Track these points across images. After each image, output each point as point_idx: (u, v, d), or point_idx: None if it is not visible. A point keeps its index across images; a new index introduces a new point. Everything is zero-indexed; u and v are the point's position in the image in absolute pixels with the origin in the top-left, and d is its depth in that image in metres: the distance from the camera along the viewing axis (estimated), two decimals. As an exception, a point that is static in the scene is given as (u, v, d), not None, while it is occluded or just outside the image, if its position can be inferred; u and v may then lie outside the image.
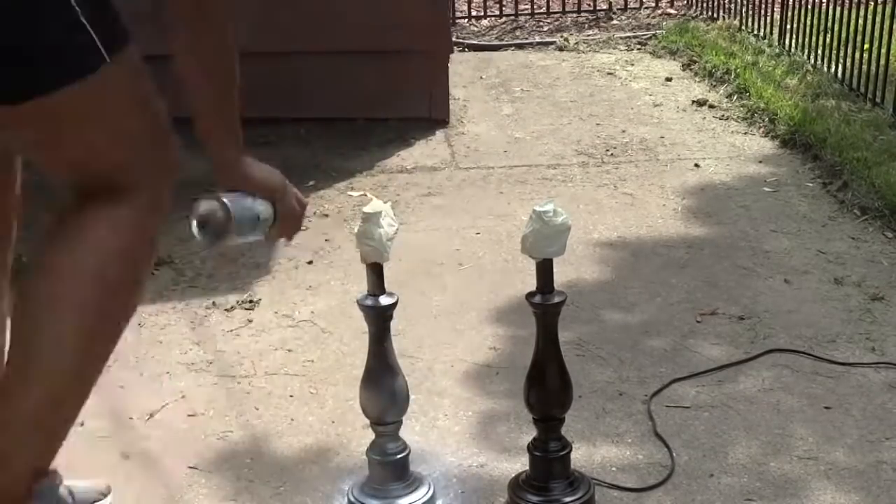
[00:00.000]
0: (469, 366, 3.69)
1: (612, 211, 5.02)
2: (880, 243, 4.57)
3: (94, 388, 2.42)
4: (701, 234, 4.75)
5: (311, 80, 6.26)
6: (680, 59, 7.66)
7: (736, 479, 3.04)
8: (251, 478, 3.11)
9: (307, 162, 5.79)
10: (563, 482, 2.86)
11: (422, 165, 5.75)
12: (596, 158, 5.76)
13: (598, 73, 7.49)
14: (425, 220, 4.98)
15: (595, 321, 3.98)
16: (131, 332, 3.97)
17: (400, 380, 2.86)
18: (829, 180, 5.25)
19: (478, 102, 6.87)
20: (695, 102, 6.67)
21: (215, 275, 4.44)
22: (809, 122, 5.83)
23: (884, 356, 3.65)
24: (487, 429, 3.31)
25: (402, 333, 3.83)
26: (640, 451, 3.17)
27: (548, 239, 2.69)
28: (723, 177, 5.44)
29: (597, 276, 4.37)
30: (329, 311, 4.10)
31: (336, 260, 4.52)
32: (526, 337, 3.56)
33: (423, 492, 2.90)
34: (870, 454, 3.13)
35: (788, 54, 7.18)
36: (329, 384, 3.59)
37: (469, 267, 4.47)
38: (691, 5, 9.17)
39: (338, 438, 3.28)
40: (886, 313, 3.96)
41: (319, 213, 5.07)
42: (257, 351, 3.82)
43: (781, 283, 4.23)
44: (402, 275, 4.30)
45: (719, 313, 4.00)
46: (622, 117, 6.47)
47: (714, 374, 3.57)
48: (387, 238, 2.70)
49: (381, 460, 2.87)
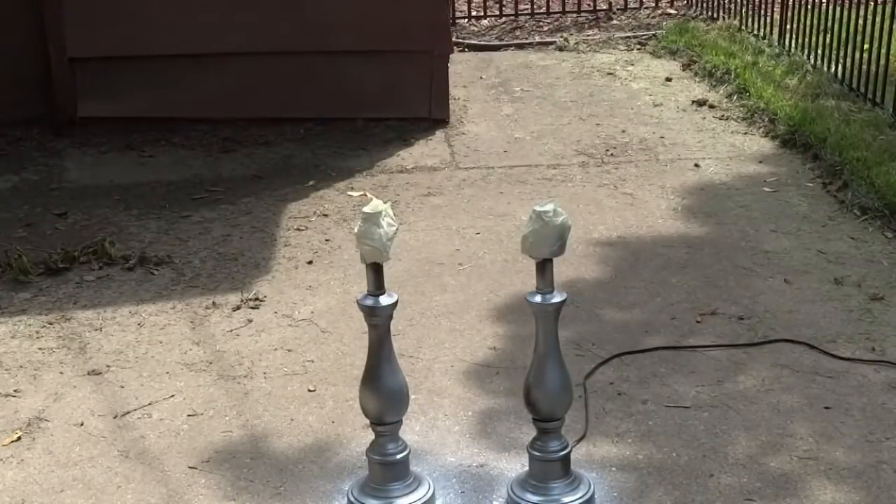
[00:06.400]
0: (469, 366, 3.69)
1: (612, 211, 5.02)
2: (880, 243, 4.57)
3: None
4: (701, 233, 4.75)
5: (311, 81, 6.26)
6: (680, 59, 7.66)
7: (736, 478, 3.04)
8: (251, 477, 3.11)
9: (307, 162, 5.79)
10: (563, 482, 2.86)
11: (422, 165, 5.75)
12: (596, 158, 5.76)
13: (598, 73, 7.49)
14: (425, 220, 4.98)
15: (595, 321, 3.98)
16: (131, 331, 3.98)
17: (400, 380, 2.86)
18: (829, 180, 5.25)
19: (478, 102, 6.87)
20: (695, 102, 6.66)
21: (215, 275, 4.44)
22: (809, 122, 5.83)
23: (884, 356, 3.66)
24: (487, 428, 3.31)
25: (402, 333, 3.84)
26: (640, 450, 3.18)
27: (548, 239, 2.69)
28: (723, 177, 5.44)
29: (597, 275, 4.37)
30: (329, 310, 4.10)
31: (336, 260, 4.52)
32: (526, 337, 3.57)
33: (423, 492, 2.90)
34: (870, 454, 3.13)
35: (788, 54, 7.18)
36: (329, 384, 3.59)
37: (469, 267, 4.47)
38: (691, 5, 9.17)
39: (337, 438, 3.28)
40: (886, 313, 3.96)
41: (319, 213, 5.07)
42: (257, 351, 3.82)
43: (781, 283, 4.23)
44: (402, 275, 4.30)
45: (719, 313, 4.00)
46: (622, 117, 6.47)
47: (714, 374, 3.57)
48: (387, 238, 2.70)
49: (381, 460, 2.87)
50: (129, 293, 4.30)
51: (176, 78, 6.21)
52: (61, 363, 3.77)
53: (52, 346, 3.89)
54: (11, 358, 3.81)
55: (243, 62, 6.23)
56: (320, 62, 6.25)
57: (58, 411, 3.46)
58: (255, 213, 5.08)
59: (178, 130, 6.20)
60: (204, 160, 5.84)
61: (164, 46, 6.11)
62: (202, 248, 4.71)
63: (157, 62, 6.17)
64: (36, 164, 5.80)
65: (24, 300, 4.25)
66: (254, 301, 4.18)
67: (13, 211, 5.20)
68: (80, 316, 4.11)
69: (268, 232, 4.87)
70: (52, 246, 4.70)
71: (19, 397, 3.56)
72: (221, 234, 4.85)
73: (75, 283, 4.38)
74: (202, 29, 6.07)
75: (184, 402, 3.50)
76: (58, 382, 3.64)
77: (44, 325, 4.04)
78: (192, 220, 5.04)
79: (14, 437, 3.33)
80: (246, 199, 5.26)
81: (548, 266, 2.74)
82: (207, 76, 6.22)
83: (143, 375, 3.68)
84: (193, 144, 6.07)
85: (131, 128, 6.20)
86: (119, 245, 4.69)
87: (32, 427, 3.38)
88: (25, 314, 4.14)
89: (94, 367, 3.73)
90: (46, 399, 3.53)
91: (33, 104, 6.26)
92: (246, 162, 5.77)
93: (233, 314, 4.10)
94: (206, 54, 6.15)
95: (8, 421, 3.42)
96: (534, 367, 2.83)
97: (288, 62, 6.21)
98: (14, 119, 6.18)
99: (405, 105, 6.36)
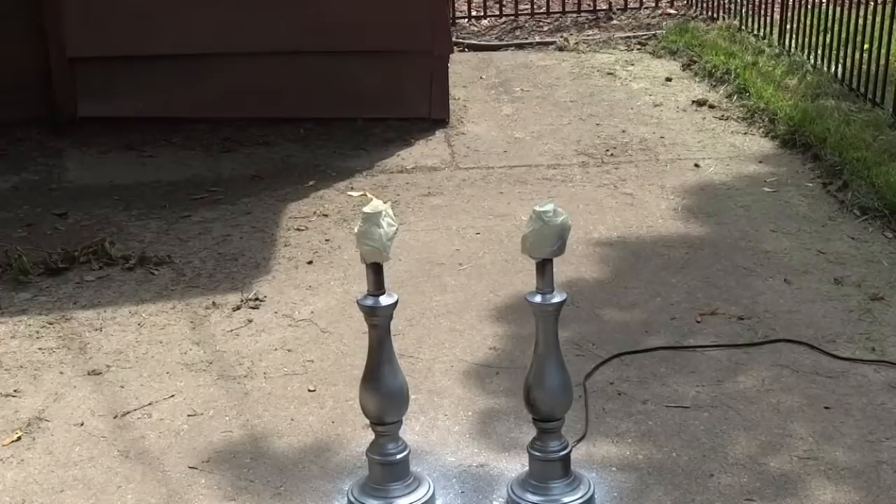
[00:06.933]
0: (469, 365, 3.69)
1: (612, 211, 5.02)
2: (880, 243, 4.58)
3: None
4: (701, 233, 4.75)
5: (311, 81, 6.26)
6: (680, 59, 7.66)
7: (736, 478, 3.04)
8: (251, 477, 3.11)
9: (307, 162, 5.79)
10: (563, 482, 2.86)
11: (422, 165, 5.75)
12: (596, 158, 5.76)
13: (598, 73, 7.49)
14: (425, 220, 4.98)
15: (595, 321, 3.98)
16: (131, 331, 3.98)
17: (400, 380, 2.86)
18: (829, 180, 5.25)
19: (478, 102, 6.87)
20: (695, 102, 6.66)
21: (215, 275, 4.44)
22: (809, 122, 5.83)
23: (884, 356, 3.66)
24: (487, 429, 3.31)
25: (402, 333, 3.84)
26: (640, 450, 3.18)
27: (548, 239, 2.69)
28: (723, 177, 5.44)
29: (597, 275, 4.37)
30: (329, 310, 4.10)
31: (336, 260, 4.52)
32: (526, 337, 3.57)
33: (423, 492, 2.90)
34: (870, 454, 3.13)
35: (788, 54, 7.18)
36: (329, 384, 3.59)
37: (469, 267, 4.47)
38: (691, 5, 9.17)
39: (338, 438, 3.28)
40: (886, 313, 3.96)
41: (319, 213, 5.07)
42: (257, 351, 3.82)
43: (781, 283, 4.23)
44: (402, 275, 4.30)
45: (719, 313, 4.00)
46: (622, 117, 6.47)
47: (714, 374, 3.57)
48: (387, 238, 2.70)
49: (381, 460, 2.87)
50: (129, 293, 4.30)
51: (176, 78, 6.21)
52: (61, 363, 3.77)
53: (53, 346, 3.89)
54: (11, 358, 3.81)
55: (243, 62, 6.23)
56: (320, 62, 6.25)
57: (58, 411, 3.46)
58: (255, 213, 5.09)
59: (179, 130, 6.21)
60: (204, 160, 5.84)
61: (164, 46, 6.11)
62: (202, 249, 4.71)
63: (157, 62, 6.17)
64: (36, 164, 5.80)
65: (25, 300, 4.25)
66: (254, 301, 4.18)
67: (13, 211, 5.20)
68: (80, 316, 4.11)
69: (268, 232, 4.87)
70: (53, 246, 4.71)
71: (19, 397, 3.56)
72: (221, 234, 4.85)
73: (75, 284, 4.38)
74: (202, 29, 6.07)
75: (184, 402, 3.51)
76: (58, 382, 3.64)
77: (44, 325, 4.04)
78: (193, 220, 5.04)
79: (14, 437, 3.33)
80: (246, 199, 5.26)
81: (548, 266, 2.74)
82: (208, 76, 6.22)
83: (144, 375, 3.68)
84: (193, 144, 6.07)
85: (131, 128, 6.20)
86: (119, 245, 4.69)
87: (32, 427, 3.38)
88: (25, 314, 4.14)
89: (95, 367, 3.73)
90: (46, 399, 3.54)
91: (33, 104, 6.26)
92: (246, 162, 5.77)
93: (233, 314, 4.10)
94: (207, 54, 6.15)
95: (8, 421, 3.42)
96: (534, 367, 2.83)
97: (288, 62, 6.21)
98: (14, 119, 6.18)
99: (405, 105, 6.37)
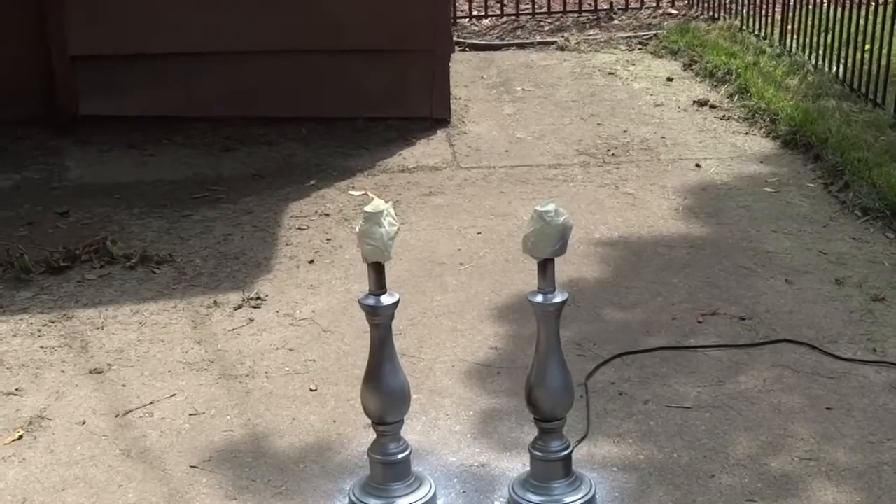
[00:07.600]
0: (470, 365, 3.69)
1: (613, 211, 5.02)
2: (882, 244, 4.58)
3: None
4: (702, 234, 4.75)
5: (312, 80, 6.27)
6: (681, 60, 7.66)
7: (737, 479, 3.04)
8: (252, 477, 3.11)
9: (308, 161, 5.79)
10: (565, 482, 2.86)
11: (423, 165, 5.75)
12: (597, 158, 5.76)
13: (599, 73, 7.49)
14: (426, 219, 4.98)
15: (596, 321, 3.98)
16: (133, 330, 3.98)
17: (401, 379, 2.86)
18: (831, 181, 5.25)
19: (479, 102, 6.87)
20: (696, 102, 6.67)
21: (216, 274, 4.44)
22: (810, 122, 5.83)
23: (885, 357, 3.66)
24: (489, 428, 3.32)
25: (404, 333, 3.84)
26: (641, 451, 3.18)
27: (549, 238, 2.69)
28: (724, 177, 5.44)
29: (598, 275, 4.37)
30: (330, 310, 4.10)
31: (337, 259, 4.52)
32: (527, 336, 3.57)
33: (425, 491, 2.90)
34: (871, 455, 3.13)
35: (789, 55, 7.18)
36: (330, 383, 3.59)
37: (470, 266, 4.47)
38: (692, 5, 9.16)
39: (339, 438, 3.28)
40: (888, 314, 3.96)
41: (320, 213, 5.07)
42: (258, 350, 3.82)
43: (783, 284, 4.23)
44: (404, 274, 4.30)
45: (720, 313, 4.00)
46: (623, 117, 6.47)
47: (715, 375, 3.57)
48: (388, 237, 2.70)
49: (383, 460, 2.87)
50: (130, 292, 4.30)
51: (178, 77, 6.21)
52: (63, 362, 3.77)
53: (54, 344, 3.89)
54: (13, 356, 3.81)
55: (245, 61, 6.23)
56: (322, 61, 6.25)
57: (59, 410, 3.46)
58: (257, 213, 5.09)
59: (180, 129, 6.21)
60: (205, 159, 5.84)
61: (166, 45, 6.11)
62: (203, 248, 4.71)
63: (159, 61, 6.17)
64: (37, 163, 5.80)
65: (26, 299, 4.25)
66: (255, 300, 4.18)
67: (15, 209, 5.20)
68: (81, 315, 4.11)
69: (269, 231, 4.87)
70: (54, 244, 4.71)
71: (21, 396, 3.56)
72: (223, 234, 4.85)
73: (77, 282, 4.38)
74: (204, 27, 6.07)
75: (185, 402, 3.51)
76: (59, 381, 3.64)
77: (45, 323, 4.05)
78: (194, 219, 5.04)
79: (16, 435, 3.33)
80: (247, 199, 5.26)
81: (549, 266, 2.74)
82: (209, 75, 6.22)
83: (145, 374, 3.68)
84: (195, 143, 6.07)
85: (133, 126, 6.20)
86: (120, 244, 4.69)
87: (34, 426, 3.38)
88: (27, 313, 4.14)
89: (96, 365, 3.73)
90: (48, 398, 3.54)
91: (35, 103, 6.26)
92: (247, 161, 5.77)
93: (234, 313, 4.10)
94: (208, 53, 6.15)
95: (9, 419, 3.42)
96: (535, 367, 2.83)
97: (289, 61, 6.21)
98: (15, 117, 6.18)
99: (406, 104, 6.37)
